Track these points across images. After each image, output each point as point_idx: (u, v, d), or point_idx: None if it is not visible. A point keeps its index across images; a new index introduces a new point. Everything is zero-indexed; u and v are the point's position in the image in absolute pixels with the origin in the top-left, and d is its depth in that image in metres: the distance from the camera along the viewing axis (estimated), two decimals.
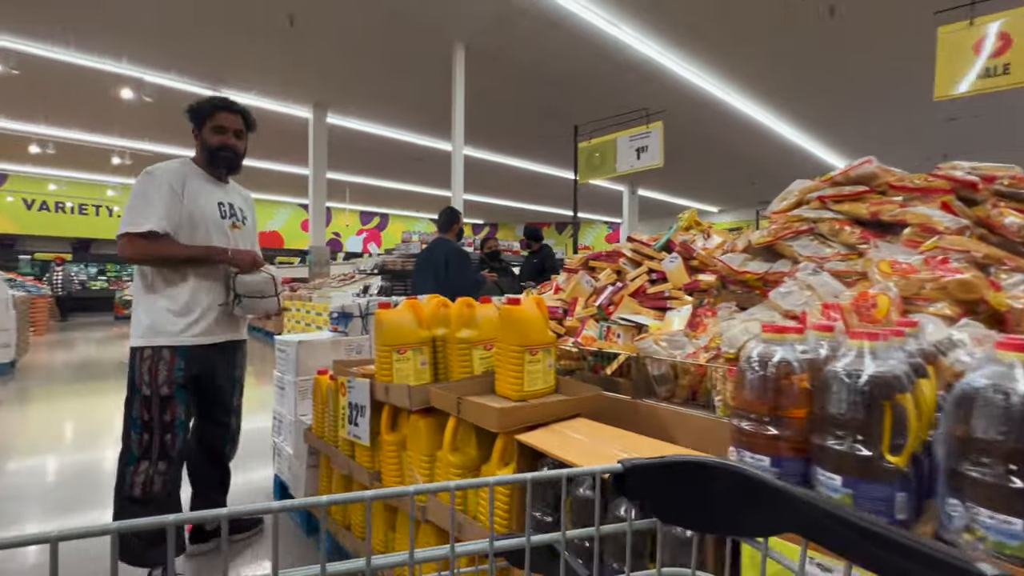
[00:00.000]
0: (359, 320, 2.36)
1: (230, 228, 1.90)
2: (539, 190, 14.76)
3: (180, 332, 1.79)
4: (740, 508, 0.38)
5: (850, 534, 0.30)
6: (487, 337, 1.49)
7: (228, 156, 1.88)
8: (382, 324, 1.49)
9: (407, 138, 10.18)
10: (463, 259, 3.68)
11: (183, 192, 1.79)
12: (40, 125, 9.56)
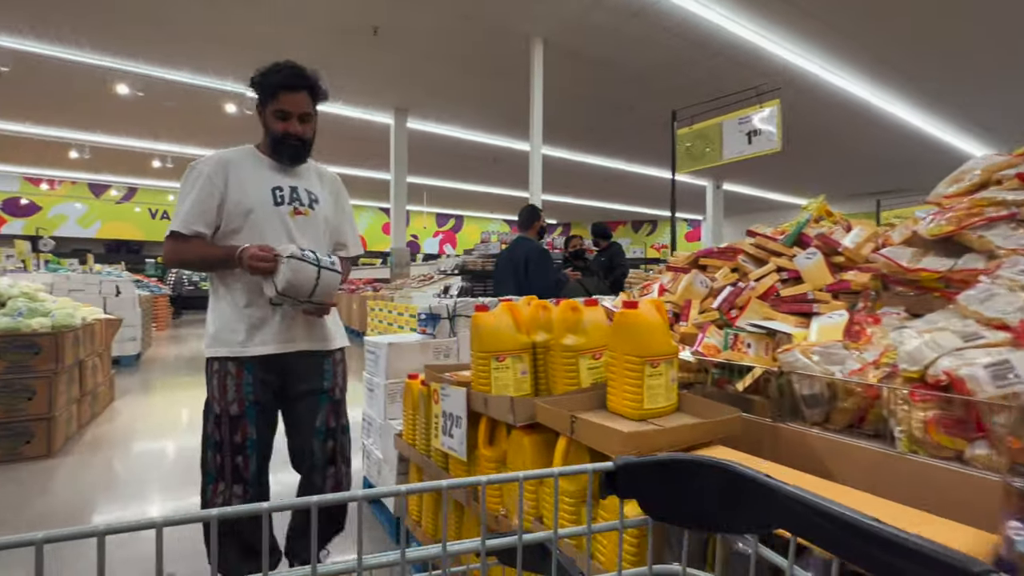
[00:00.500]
0: (447, 322, 2.28)
1: (291, 215, 1.61)
2: (616, 187, 14.32)
3: (243, 342, 1.55)
4: (731, 505, 0.38)
5: (840, 530, 0.30)
6: (596, 344, 1.32)
7: (293, 146, 1.62)
8: (479, 328, 1.37)
9: (484, 139, 10.24)
10: (544, 258, 3.54)
11: (227, 182, 1.56)
12: (160, 142, 10.67)
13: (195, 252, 1.55)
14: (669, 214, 4.86)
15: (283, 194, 1.62)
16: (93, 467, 3.13)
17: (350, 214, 1.82)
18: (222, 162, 1.58)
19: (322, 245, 1.68)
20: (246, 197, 1.56)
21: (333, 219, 1.74)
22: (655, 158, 11.51)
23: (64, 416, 3.41)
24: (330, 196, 1.74)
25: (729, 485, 0.38)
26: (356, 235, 1.83)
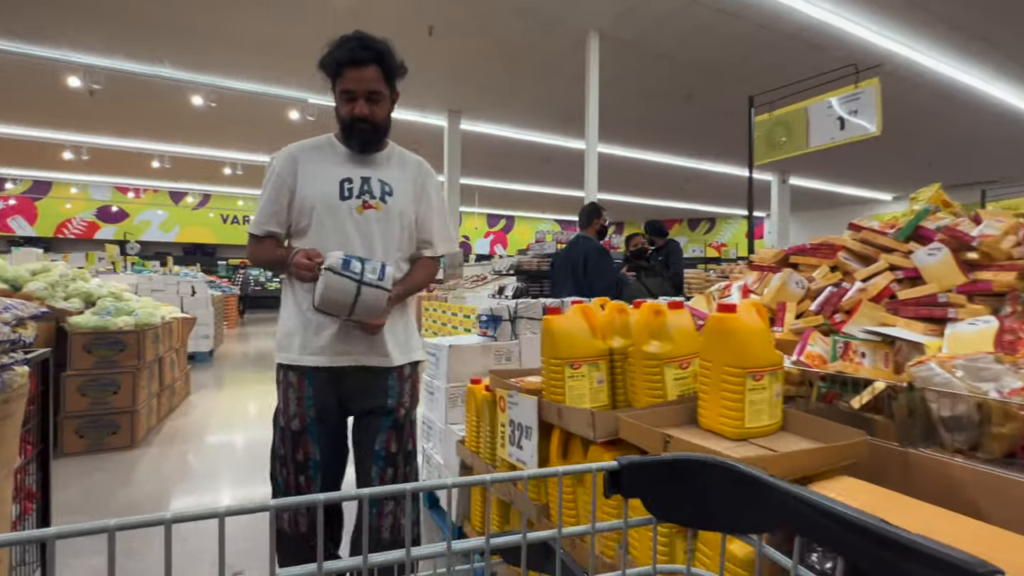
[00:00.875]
0: (508, 324, 2.19)
1: (359, 210, 1.43)
2: (672, 184, 13.82)
3: (299, 350, 1.43)
4: (735, 505, 0.37)
5: (844, 531, 0.30)
6: (683, 352, 1.19)
7: (362, 130, 1.43)
8: (552, 333, 1.26)
9: (536, 138, 10.14)
10: (602, 257, 3.39)
11: (296, 176, 1.45)
12: (230, 150, 11.31)
13: (266, 254, 1.48)
14: (727, 211, 4.54)
15: (351, 187, 1.44)
16: (171, 458, 3.29)
17: (439, 206, 1.59)
18: (292, 155, 1.47)
19: (396, 243, 1.49)
20: (312, 192, 1.43)
21: (415, 212, 1.53)
22: (714, 152, 11.00)
23: (145, 409, 3.62)
24: (411, 186, 1.53)
25: (733, 485, 0.38)
26: (447, 230, 1.60)
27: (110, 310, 3.49)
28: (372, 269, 1.33)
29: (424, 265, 1.60)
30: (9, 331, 1.19)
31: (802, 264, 1.68)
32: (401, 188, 1.51)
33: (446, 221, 1.61)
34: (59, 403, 3.22)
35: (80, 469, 3.05)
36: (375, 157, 1.52)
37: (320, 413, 1.45)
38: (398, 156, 1.57)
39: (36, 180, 14.06)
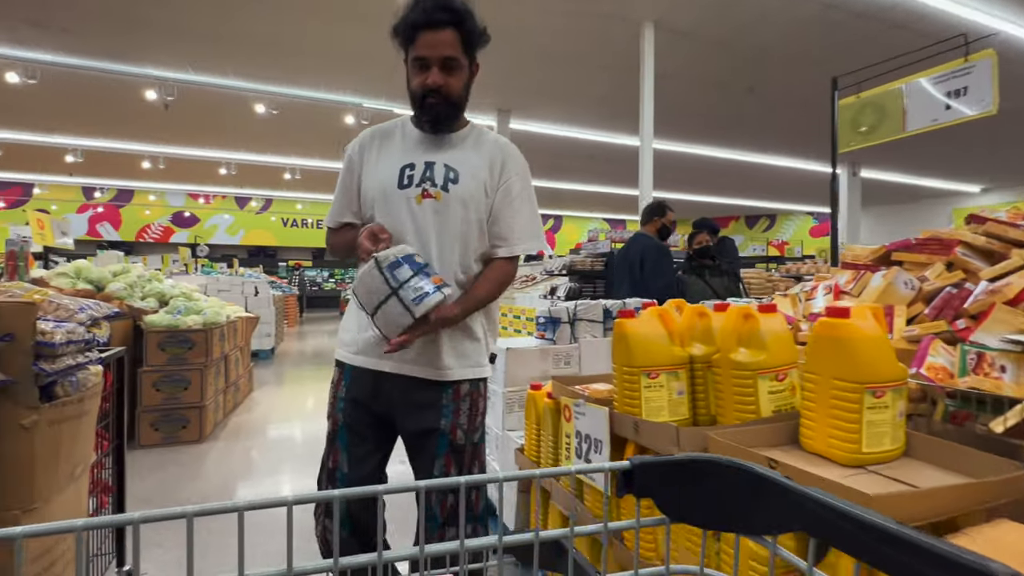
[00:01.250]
0: (567, 326, 2.08)
1: (417, 199, 1.25)
2: (729, 180, 13.22)
3: (347, 345, 1.31)
4: (749, 506, 0.37)
5: (861, 533, 0.30)
6: (780, 362, 1.05)
7: (434, 104, 1.24)
8: (626, 338, 1.15)
9: (586, 135, 9.96)
10: (660, 256, 3.19)
11: (362, 163, 1.33)
12: (289, 156, 11.80)
13: (339, 239, 1.35)
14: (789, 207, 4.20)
15: (412, 173, 1.27)
16: (236, 452, 3.41)
17: (520, 195, 1.33)
18: (362, 140, 1.35)
19: (457, 240, 1.27)
20: (374, 180, 1.30)
21: (485, 202, 1.29)
22: (776, 145, 10.41)
23: (212, 405, 3.77)
24: (486, 171, 1.30)
25: (747, 486, 0.37)
26: (526, 225, 1.33)
27: (181, 309, 3.66)
28: (416, 288, 1.12)
29: (495, 270, 1.33)
30: (84, 331, 1.21)
31: (907, 262, 1.48)
32: (470, 173, 1.29)
33: (530, 213, 1.35)
34: (136, 398, 3.40)
35: (155, 461, 3.20)
36: (448, 139, 1.32)
37: (350, 418, 1.28)
38: (475, 136, 1.35)
39: (120, 189, 15.25)
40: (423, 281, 1.14)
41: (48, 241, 4.29)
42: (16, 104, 8.23)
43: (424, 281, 1.14)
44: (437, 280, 1.17)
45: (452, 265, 1.28)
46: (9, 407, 1.04)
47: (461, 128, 1.35)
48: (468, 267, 1.30)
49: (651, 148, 5.89)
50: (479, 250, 1.32)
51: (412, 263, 1.15)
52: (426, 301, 1.12)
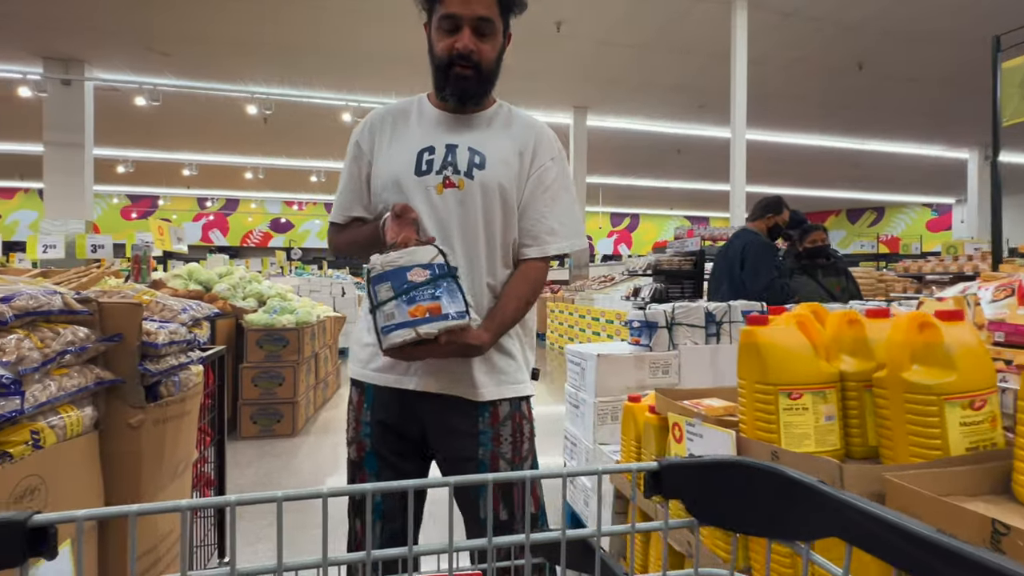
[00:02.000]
0: (665, 331, 1.89)
1: (438, 188, 1.05)
2: (829, 170, 12.06)
3: (365, 362, 1.10)
4: (782, 511, 0.37)
5: (900, 541, 0.29)
6: (975, 386, 0.82)
7: (462, 74, 1.04)
8: (759, 349, 0.96)
9: (667, 129, 9.50)
10: (762, 253, 2.83)
11: (373, 148, 1.13)
12: None
13: (349, 235, 1.15)
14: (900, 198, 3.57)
15: (432, 158, 1.07)
16: (325, 447, 3.53)
17: (554, 186, 1.12)
18: (374, 121, 1.15)
19: (481, 237, 1.06)
20: (387, 166, 1.09)
21: (516, 193, 1.09)
22: (886, 128, 9.30)
23: (304, 400, 3.95)
24: (515, 157, 1.10)
25: (780, 490, 0.37)
26: (563, 219, 1.12)
27: (276, 309, 3.87)
28: (388, 314, 0.88)
29: (526, 275, 1.10)
30: (185, 331, 1.23)
31: None
32: (498, 158, 1.07)
33: (567, 205, 1.13)
34: (237, 392, 3.63)
35: (254, 453, 3.39)
36: (474, 119, 1.11)
37: (379, 444, 1.08)
38: (504, 116, 1.14)
39: (228, 198, 16.82)
40: (398, 309, 0.88)
41: (167, 246, 4.74)
42: (144, 126, 9.29)
43: (400, 309, 0.88)
44: (426, 310, 0.88)
45: (479, 268, 1.06)
46: (118, 406, 1.06)
47: (488, 107, 1.13)
48: (497, 270, 1.09)
49: (743, 138, 5.44)
50: (510, 249, 1.11)
51: (400, 280, 0.89)
52: (390, 337, 0.88)
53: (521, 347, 1.14)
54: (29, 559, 0.29)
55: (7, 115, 8.61)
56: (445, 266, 0.91)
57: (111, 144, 9.89)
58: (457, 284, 0.91)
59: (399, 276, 0.89)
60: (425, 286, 0.89)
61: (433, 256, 0.91)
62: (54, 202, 7.19)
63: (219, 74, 7.49)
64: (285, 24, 6.13)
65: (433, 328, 0.88)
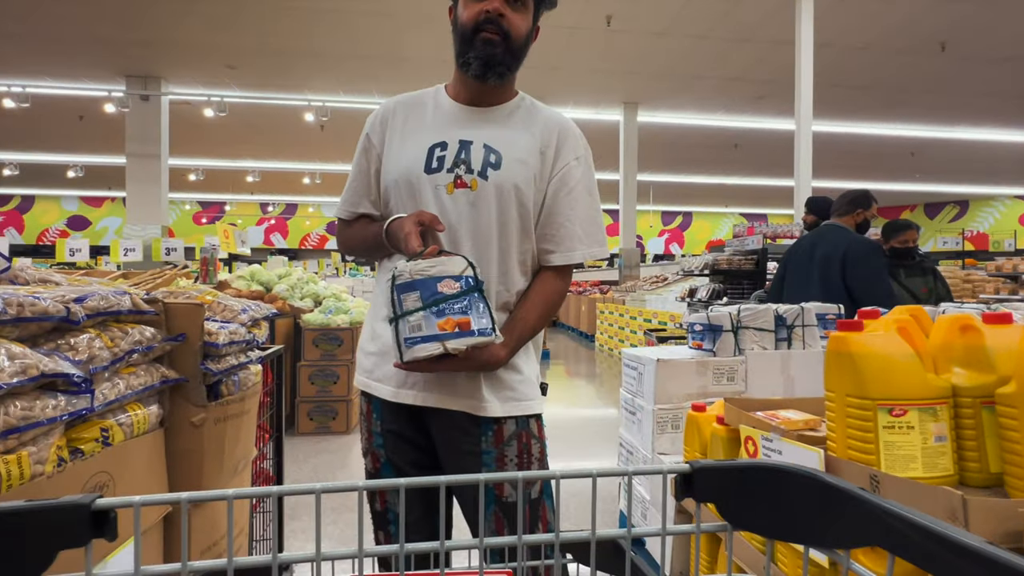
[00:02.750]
0: (730, 335, 1.77)
1: (448, 188, 0.97)
2: (903, 161, 11.18)
3: (369, 371, 1.04)
4: (820, 518, 0.36)
5: (948, 553, 0.28)
6: None
7: (490, 40, 0.95)
8: (854, 358, 0.86)
9: (722, 122, 9.11)
10: (872, 256, 2.40)
11: (384, 140, 1.05)
12: None
13: (356, 235, 1.08)
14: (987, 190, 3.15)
15: (444, 154, 0.98)
16: None
17: (579, 188, 1.03)
18: (386, 111, 1.07)
19: (494, 244, 0.98)
20: (397, 161, 1.02)
21: (535, 195, 1.00)
22: (975, 112, 8.50)
23: (357, 399, 4.04)
24: (535, 156, 1.00)
25: (819, 496, 0.36)
26: (586, 224, 1.03)
27: (332, 309, 3.98)
28: (415, 326, 0.84)
29: (546, 286, 1.02)
30: (245, 332, 1.24)
31: None
32: (516, 156, 0.99)
33: (591, 210, 1.05)
34: (295, 389, 3.76)
35: (311, 448, 3.50)
36: (493, 112, 1.03)
37: (394, 454, 1.02)
38: (526, 110, 1.05)
39: (288, 203, 17.67)
40: (426, 321, 0.84)
41: (231, 249, 5.00)
42: (212, 136, 9.89)
43: (427, 321, 0.83)
44: (455, 324, 0.83)
45: (491, 278, 0.98)
46: (181, 405, 1.08)
47: (509, 99, 1.05)
48: (510, 280, 1.00)
49: (809, 129, 5.10)
50: (527, 257, 1.02)
51: (429, 291, 0.84)
52: (415, 349, 0.84)
53: (528, 361, 1.04)
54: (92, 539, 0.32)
55: (96, 130, 9.40)
56: (474, 279, 0.87)
57: (184, 154, 10.60)
58: (484, 299, 0.87)
59: (429, 287, 0.84)
60: (455, 299, 0.84)
61: (463, 268, 0.87)
62: (134, 209, 7.77)
63: (280, 84, 7.86)
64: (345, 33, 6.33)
65: (461, 344, 0.83)
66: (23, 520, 0.31)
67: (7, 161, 11.02)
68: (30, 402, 0.74)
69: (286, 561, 0.37)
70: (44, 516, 0.32)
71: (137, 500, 0.33)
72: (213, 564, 0.36)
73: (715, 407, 1.43)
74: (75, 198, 16.20)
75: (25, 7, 5.76)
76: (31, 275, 1.06)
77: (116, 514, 0.33)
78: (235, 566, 0.34)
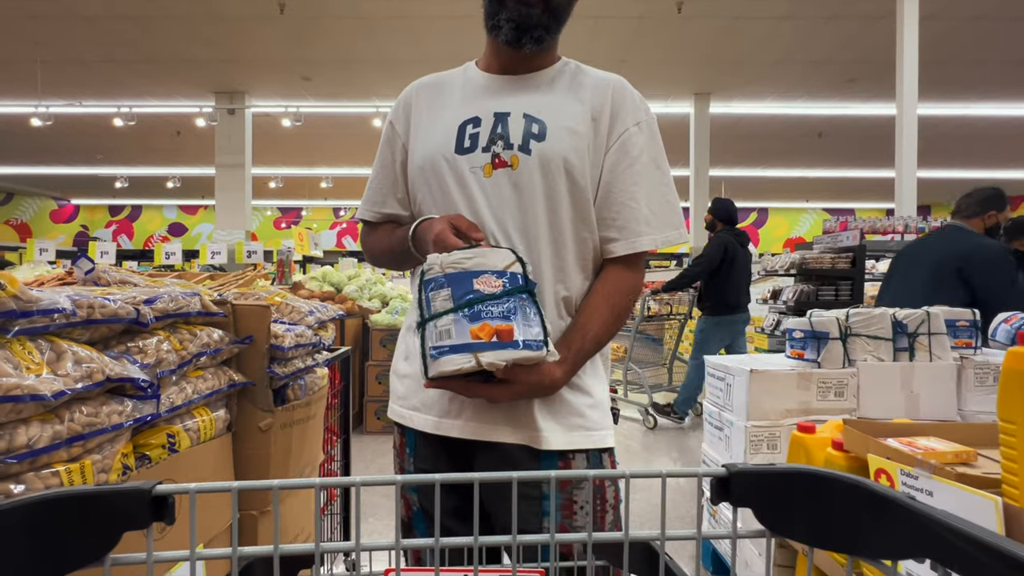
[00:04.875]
0: (838, 344, 1.54)
1: (485, 170, 0.81)
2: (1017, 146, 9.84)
3: (405, 397, 0.87)
4: (863, 526, 0.35)
5: (1004, 568, 0.26)
6: None
7: (518, 6, 0.80)
8: None
9: (805, 110, 8.43)
10: (1004, 262, 2.09)
11: (408, 127, 0.91)
12: None
13: (378, 243, 0.94)
14: None
15: (476, 131, 0.83)
16: None
17: (643, 158, 0.84)
18: (409, 95, 0.94)
19: (545, 235, 0.81)
20: (425, 143, 0.87)
21: (590, 170, 0.82)
22: None
23: None
24: (586, 124, 0.83)
25: (864, 504, 0.35)
26: (654, 205, 0.83)
27: (398, 310, 4.02)
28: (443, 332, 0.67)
29: (613, 283, 0.83)
30: (311, 334, 1.21)
31: None
32: (563, 125, 0.81)
33: (660, 185, 0.84)
34: (363, 388, 3.83)
35: (378, 448, 3.54)
36: (532, 79, 0.86)
37: (427, 502, 0.86)
38: (571, 74, 0.88)
39: (358, 207, 18.48)
40: (456, 325, 0.66)
41: (305, 251, 5.22)
42: (289, 145, 10.49)
43: (459, 326, 0.66)
44: (493, 331, 0.65)
45: (544, 278, 0.80)
46: (248, 409, 1.05)
47: (551, 64, 0.88)
48: (569, 277, 0.82)
49: (915, 112, 4.55)
50: (588, 247, 0.83)
51: (464, 288, 0.67)
52: (440, 362, 0.66)
53: (597, 379, 0.84)
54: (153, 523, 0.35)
55: (190, 144, 10.26)
56: (523, 278, 0.69)
57: (265, 164, 11.33)
58: (535, 304, 0.69)
59: (463, 283, 0.67)
60: (495, 300, 0.66)
61: (510, 263, 0.69)
62: (222, 215, 8.38)
63: (349, 92, 8.17)
64: (409, 37, 6.47)
65: (499, 358, 0.64)
66: (91, 503, 0.34)
67: (119, 175, 12.30)
68: (96, 407, 0.71)
69: (327, 550, 0.39)
70: (109, 500, 0.35)
71: (192, 487, 0.35)
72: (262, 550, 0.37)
73: (827, 428, 1.23)
74: (174, 207, 17.82)
75: (129, 34, 6.35)
76: (112, 276, 1.07)
77: (174, 499, 0.35)
78: (280, 553, 0.36)
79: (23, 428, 0.61)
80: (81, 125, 9.25)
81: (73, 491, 0.34)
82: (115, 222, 17.80)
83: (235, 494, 0.37)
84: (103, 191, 15.46)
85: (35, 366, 0.64)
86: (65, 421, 0.66)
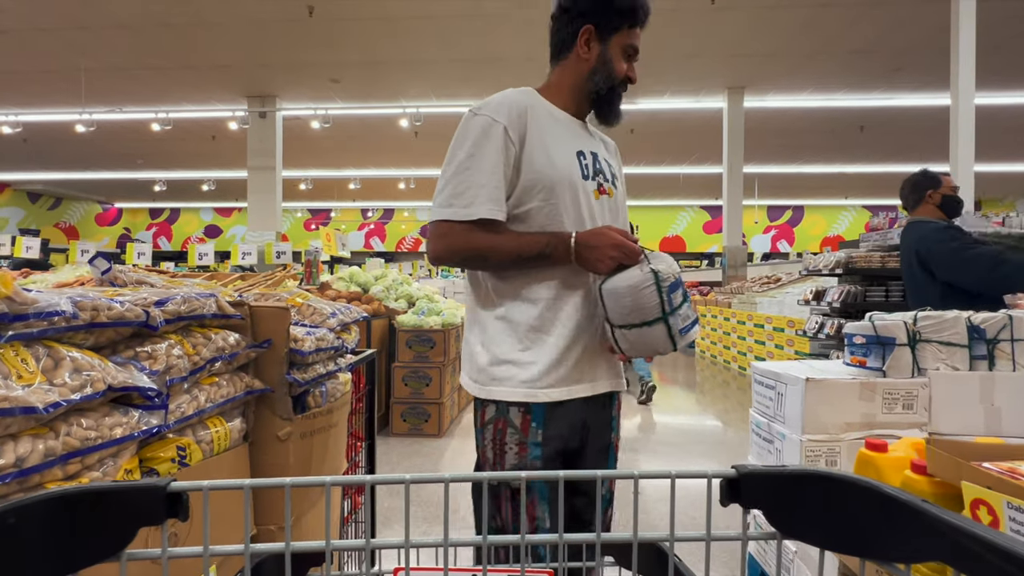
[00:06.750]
0: (907, 350, 1.39)
1: (595, 193, 1.09)
2: None
3: (536, 379, 1.02)
4: (876, 529, 0.35)
5: (1020, 573, 0.26)
6: None
7: (618, 102, 1.12)
8: None
9: (846, 102, 8.05)
10: (935, 235, 2.05)
11: (523, 141, 1.03)
12: None
13: (503, 245, 1.00)
14: None
15: (587, 162, 1.09)
16: (468, 449, 3.50)
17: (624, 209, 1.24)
18: (519, 110, 1.03)
19: None
20: (552, 166, 1.02)
21: (623, 204, 1.21)
22: None
23: (449, 402, 3.99)
24: (619, 171, 1.22)
25: (876, 507, 0.35)
26: None
27: (424, 311, 3.98)
28: (685, 316, 1.01)
29: None
30: (333, 337, 1.15)
31: None
32: (618, 170, 1.21)
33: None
34: (389, 390, 3.79)
35: (404, 451, 3.49)
36: (588, 127, 1.19)
37: (552, 461, 1.04)
38: (599, 133, 1.22)
39: (385, 208, 18.65)
40: (690, 309, 1.02)
41: (333, 251, 5.24)
42: (318, 147, 10.64)
43: (691, 310, 1.03)
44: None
45: None
46: (266, 418, 0.99)
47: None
48: None
49: (971, 100, 4.25)
50: None
51: (682, 286, 1.02)
52: (690, 333, 1.02)
53: None
54: (167, 519, 0.36)
55: (224, 148, 10.51)
56: None
57: (295, 166, 11.52)
58: None
59: (681, 283, 1.00)
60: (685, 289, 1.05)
61: None
62: (254, 217, 8.54)
63: (377, 94, 8.21)
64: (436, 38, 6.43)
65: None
66: (107, 500, 0.35)
67: (158, 179, 12.73)
68: (97, 420, 0.65)
69: (337, 548, 0.39)
70: (125, 497, 0.35)
71: (206, 484, 0.36)
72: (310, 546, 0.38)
73: (901, 446, 1.09)
74: (210, 209, 18.36)
75: (165, 42, 6.52)
76: (129, 277, 1.02)
77: (188, 496, 0.36)
78: (292, 550, 0.38)
79: (11, 445, 0.55)
80: (122, 131, 9.58)
81: (90, 487, 0.35)
82: (155, 224, 18.45)
83: (247, 492, 0.37)
84: (143, 195, 16.03)
85: (28, 375, 0.59)
86: (60, 435, 0.60)
